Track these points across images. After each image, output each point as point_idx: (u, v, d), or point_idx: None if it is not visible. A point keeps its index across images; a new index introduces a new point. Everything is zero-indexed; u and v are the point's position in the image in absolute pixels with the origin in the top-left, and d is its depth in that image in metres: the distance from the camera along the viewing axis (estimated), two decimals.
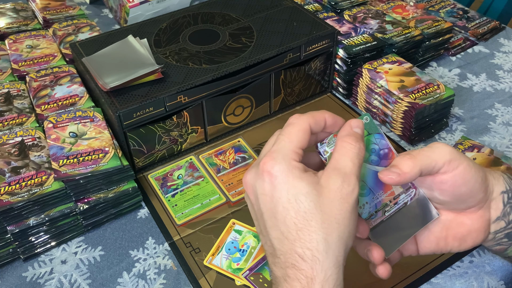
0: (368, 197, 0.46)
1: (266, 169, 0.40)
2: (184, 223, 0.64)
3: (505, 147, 0.75)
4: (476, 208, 0.47)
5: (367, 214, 0.46)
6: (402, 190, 0.47)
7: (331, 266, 0.39)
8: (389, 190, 0.46)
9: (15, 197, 0.57)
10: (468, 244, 0.48)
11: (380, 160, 0.46)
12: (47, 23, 0.93)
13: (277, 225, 0.40)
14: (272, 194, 0.40)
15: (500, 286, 0.58)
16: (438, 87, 0.74)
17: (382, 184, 0.46)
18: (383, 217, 0.47)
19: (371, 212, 0.46)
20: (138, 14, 0.98)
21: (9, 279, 0.59)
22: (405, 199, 0.47)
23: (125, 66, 0.69)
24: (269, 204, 0.41)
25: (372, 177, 0.45)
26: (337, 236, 0.39)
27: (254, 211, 0.43)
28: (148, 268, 0.60)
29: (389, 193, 0.46)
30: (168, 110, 0.68)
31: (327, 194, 0.39)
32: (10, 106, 0.71)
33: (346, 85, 0.82)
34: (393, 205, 0.47)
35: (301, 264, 0.39)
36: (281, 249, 0.40)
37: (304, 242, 0.39)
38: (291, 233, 0.39)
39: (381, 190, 0.46)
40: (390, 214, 0.47)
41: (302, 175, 0.40)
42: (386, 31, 0.85)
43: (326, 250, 0.38)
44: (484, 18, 1.02)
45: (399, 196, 0.47)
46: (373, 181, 0.46)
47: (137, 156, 0.69)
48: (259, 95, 0.76)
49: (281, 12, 0.83)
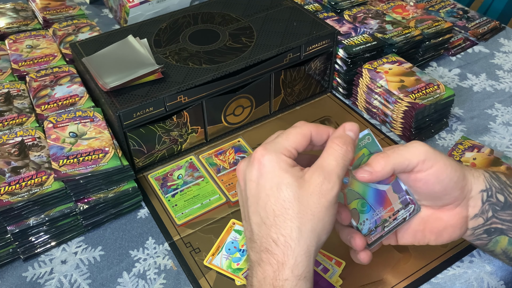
0: (368, 214, 0.47)
1: (257, 157, 0.43)
2: (184, 223, 0.64)
3: (505, 147, 0.75)
4: (453, 206, 0.48)
5: (367, 230, 0.48)
6: (401, 206, 0.48)
7: (302, 253, 0.41)
8: (389, 206, 0.48)
9: (15, 197, 0.57)
10: (444, 239, 0.49)
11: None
12: (47, 23, 0.93)
13: (258, 210, 0.43)
14: (258, 181, 0.43)
15: (500, 286, 0.58)
16: (438, 87, 0.74)
17: (382, 201, 0.48)
18: (382, 232, 0.48)
19: (371, 228, 0.48)
20: (138, 14, 0.98)
21: (9, 279, 0.59)
22: (404, 215, 0.49)
23: (125, 66, 0.69)
24: (254, 190, 0.43)
25: (373, 194, 0.47)
26: (310, 227, 0.41)
27: (242, 197, 0.46)
28: (148, 268, 0.60)
29: (389, 209, 0.48)
30: (168, 110, 0.68)
31: (307, 187, 0.41)
32: (10, 106, 0.71)
33: (346, 85, 0.82)
34: (392, 221, 0.48)
35: (274, 248, 0.41)
36: (259, 234, 0.43)
37: (279, 228, 0.41)
38: (269, 218, 0.42)
39: (381, 207, 0.48)
40: (389, 230, 0.49)
41: (288, 169, 0.42)
42: (386, 31, 0.85)
43: (298, 238, 0.41)
44: (484, 18, 1.02)
45: (398, 212, 0.48)
46: (373, 199, 0.47)
47: (137, 156, 0.69)
48: (259, 95, 0.76)
49: (281, 12, 0.83)
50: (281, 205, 0.41)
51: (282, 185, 0.41)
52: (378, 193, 0.47)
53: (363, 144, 0.47)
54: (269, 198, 0.42)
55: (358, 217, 0.47)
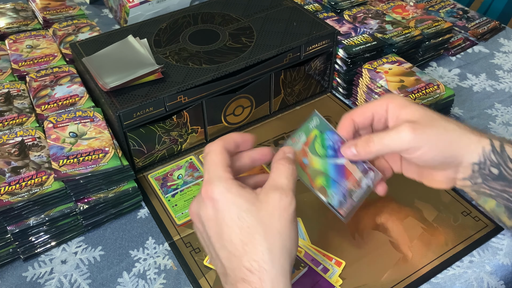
0: (334, 187, 0.51)
1: (207, 196, 0.43)
2: (184, 223, 0.64)
3: None
4: (442, 169, 0.51)
5: (337, 202, 0.50)
6: (361, 175, 0.52)
7: (278, 275, 0.41)
8: (350, 175, 0.52)
9: (15, 197, 0.57)
10: (437, 185, 0.53)
11: (336, 153, 0.51)
12: (47, 23, 0.93)
13: (224, 245, 0.42)
14: (216, 217, 0.43)
15: (500, 286, 0.58)
16: (438, 87, 0.75)
17: (343, 173, 0.51)
18: (353, 202, 0.51)
19: (341, 200, 0.51)
20: (138, 14, 0.98)
21: (9, 279, 0.59)
22: (367, 183, 0.52)
23: (125, 66, 0.69)
24: (214, 228, 0.43)
25: (333, 169, 0.51)
26: (280, 245, 0.42)
27: (203, 238, 0.46)
28: (148, 268, 0.60)
29: (351, 179, 0.52)
30: (168, 110, 0.68)
31: (266, 208, 0.42)
32: (10, 106, 0.71)
33: (346, 85, 0.82)
34: (358, 190, 0.52)
35: (249, 276, 0.41)
36: (230, 267, 0.42)
37: (250, 255, 0.41)
38: (238, 249, 0.42)
39: (344, 179, 0.51)
40: (359, 199, 0.52)
41: (240, 192, 0.43)
42: (386, 31, 0.85)
43: (271, 260, 0.41)
44: (484, 18, 1.02)
45: (360, 180, 0.52)
46: (334, 173, 0.51)
47: (137, 156, 0.69)
48: (259, 95, 0.76)
49: (281, 12, 0.83)
50: (246, 232, 0.41)
51: (242, 212, 0.42)
52: (338, 167, 0.51)
53: (313, 126, 0.51)
54: (232, 229, 0.42)
55: (326, 192, 0.49)
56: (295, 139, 0.50)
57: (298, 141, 0.50)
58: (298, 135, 0.51)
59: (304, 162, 0.50)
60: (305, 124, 0.51)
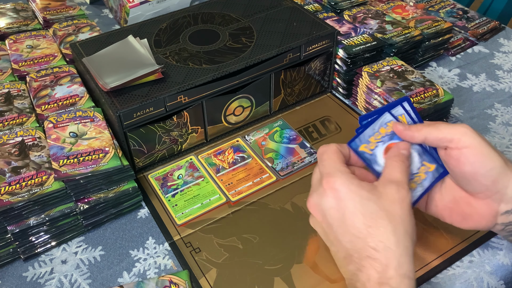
0: (281, 160, 0.71)
1: (329, 187, 0.47)
2: (184, 223, 0.64)
3: (505, 147, 0.75)
4: (484, 195, 0.49)
5: (280, 167, 0.69)
6: (306, 155, 0.70)
7: (404, 254, 0.44)
8: (297, 155, 0.71)
9: (15, 197, 0.57)
10: (469, 224, 0.52)
11: (289, 141, 0.73)
12: (47, 23, 0.93)
13: (347, 230, 0.46)
14: (338, 206, 0.46)
15: (500, 286, 0.58)
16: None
17: (292, 153, 0.71)
18: (292, 169, 0.69)
19: (283, 167, 0.69)
20: (138, 14, 0.98)
21: (9, 279, 0.59)
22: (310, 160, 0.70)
23: (125, 66, 0.69)
24: (336, 215, 0.46)
25: (284, 149, 0.72)
26: (403, 229, 0.44)
27: (323, 228, 0.49)
28: (148, 268, 0.60)
29: (297, 157, 0.70)
30: (168, 110, 0.68)
31: (386, 198, 0.45)
32: (10, 106, 0.71)
33: (346, 85, 0.82)
34: (300, 163, 0.69)
35: (374, 254, 0.44)
36: (354, 248, 0.45)
37: (375, 236, 0.44)
38: (362, 232, 0.45)
39: (290, 155, 0.71)
40: (299, 168, 0.69)
41: (361, 184, 0.46)
42: (386, 31, 0.85)
43: (396, 241, 0.44)
44: (484, 18, 1.03)
45: (305, 158, 0.70)
46: (284, 151, 0.72)
47: (137, 156, 0.69)
48: (259, 95, 0.76)
49: (281, 12, 0.83)
50: (370, 217, 0.45)
51: (364, 200, 0.45)
52: (287, 149, 0.71)
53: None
54: (355, 215, 0.45)
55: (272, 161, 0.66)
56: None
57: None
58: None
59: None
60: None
